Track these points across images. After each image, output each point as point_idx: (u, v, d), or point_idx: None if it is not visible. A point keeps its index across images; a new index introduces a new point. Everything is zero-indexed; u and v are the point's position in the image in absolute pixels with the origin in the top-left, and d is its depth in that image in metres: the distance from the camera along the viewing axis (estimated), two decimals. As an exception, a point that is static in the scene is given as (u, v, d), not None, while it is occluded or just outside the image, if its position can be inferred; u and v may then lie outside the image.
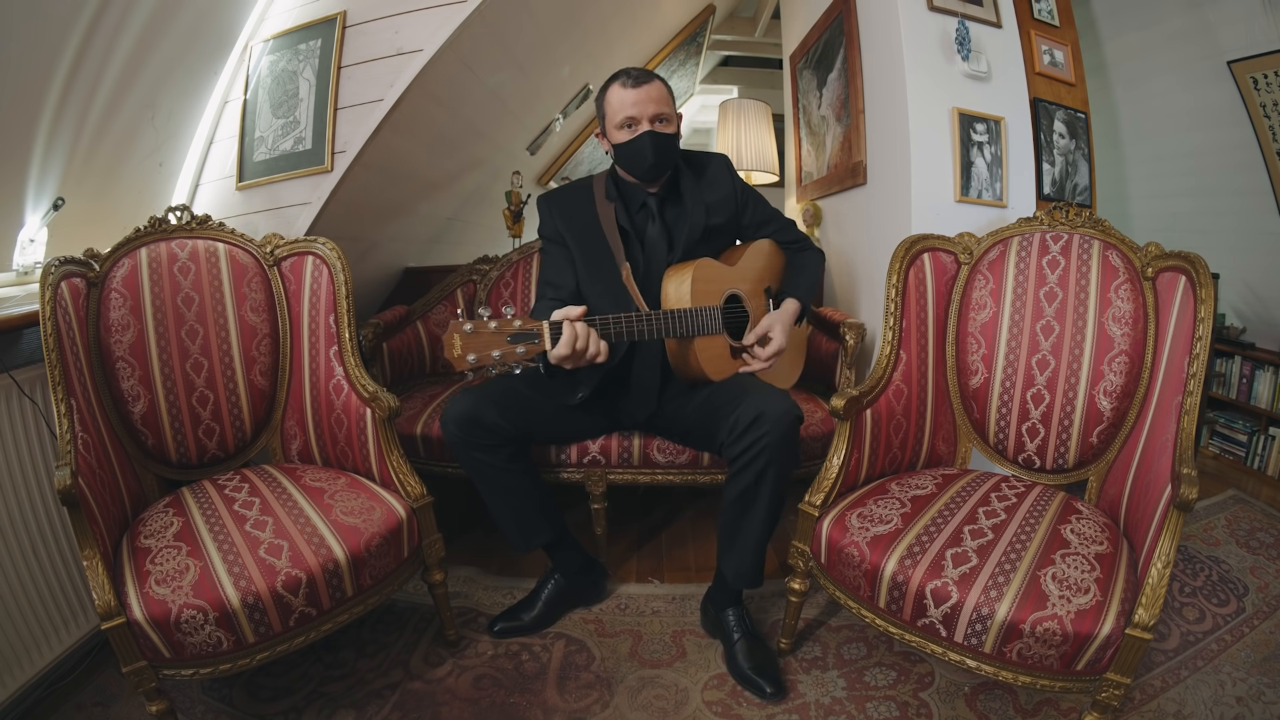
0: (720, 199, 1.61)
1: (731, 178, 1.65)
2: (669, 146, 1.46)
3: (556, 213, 1.58)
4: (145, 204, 1.85)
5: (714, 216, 1.58)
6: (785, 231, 1.72)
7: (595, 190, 1.57)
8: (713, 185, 1.61)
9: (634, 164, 1.48)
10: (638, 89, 1.42)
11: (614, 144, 1.48)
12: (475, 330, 1.07)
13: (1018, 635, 1.03)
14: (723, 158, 1.68)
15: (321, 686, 1.41)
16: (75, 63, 1.46)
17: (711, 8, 3.84)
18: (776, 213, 1.73)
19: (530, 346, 1.12)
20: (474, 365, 1.06)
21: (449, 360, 1.08)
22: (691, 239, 1.53)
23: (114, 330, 1.40)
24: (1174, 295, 1.31)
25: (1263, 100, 2.35)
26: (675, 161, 1.54)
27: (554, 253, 1.59)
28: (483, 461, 1.43)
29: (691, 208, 1.54)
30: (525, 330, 1.12)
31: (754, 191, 1.70)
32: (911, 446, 1.52)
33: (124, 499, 1.31)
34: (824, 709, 1.33)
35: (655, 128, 1.43)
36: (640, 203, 1.56)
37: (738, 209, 1.65)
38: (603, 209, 1.54)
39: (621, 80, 1.44)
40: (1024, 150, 1.91)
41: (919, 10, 1.83)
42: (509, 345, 1.10)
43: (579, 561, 1.64)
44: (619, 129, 1.45)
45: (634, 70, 1.45)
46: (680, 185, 1.56)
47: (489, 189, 3.01)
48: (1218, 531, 2.03)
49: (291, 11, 1.93)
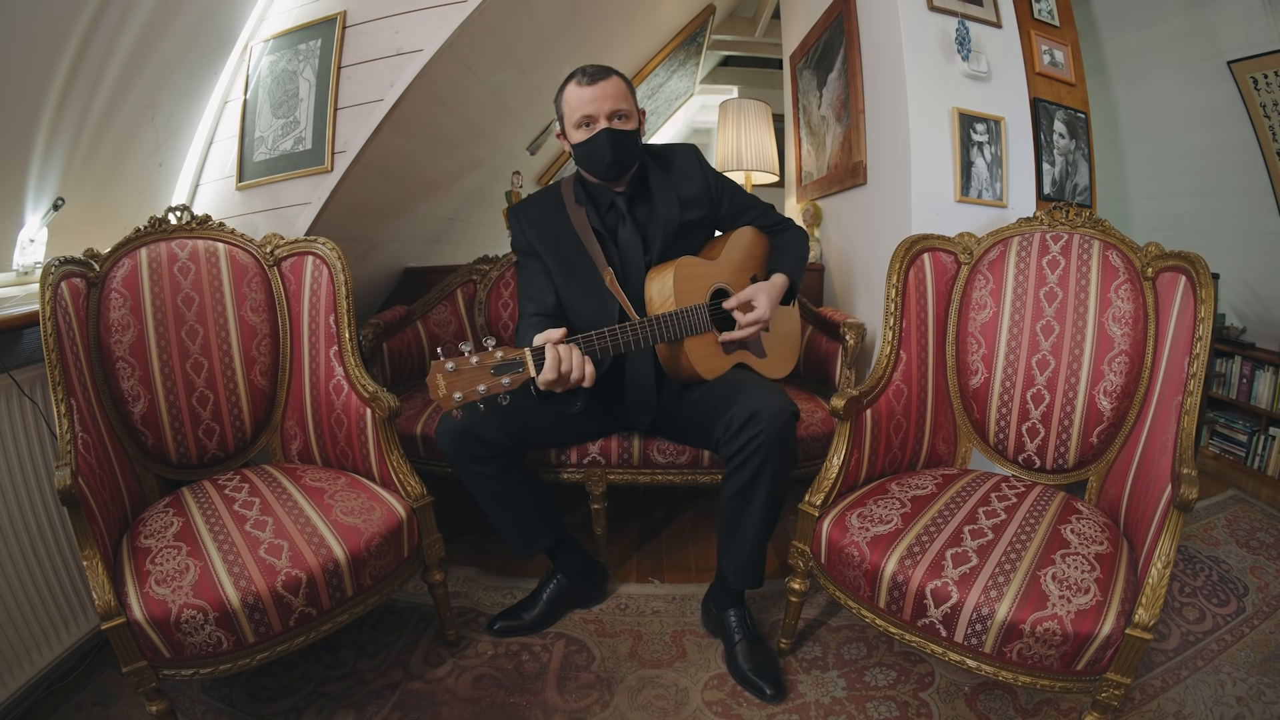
0: (695, 193, 1.56)
1: (702, 169, 1.59)
2: (628, 143, 1.42)
3: (527, 225, 1.52)
4: (145, 204, 1.85)
5: (689, 211, 1.53)
6: (765, 216, 1.67)
7: (564, 196, 1.53)
8: (684, 179, 1.56)
9: (593, 163, 1.44)
10: (593, 86, 1.37)
11: (572, 144, 1.45)
12: (458, 368, 1.07)
13: (1018, 635, 1.03)
14: (690, 148, 1.62)
15: (321, 686, 1.41)
16: (75, 63, 1.46)
17: (711, 8, 3.84)
18: (754, 199, 1.68)
19: (515, 376, 1.12)
20: (460, 403, 1.06)
21: (435, 400, 1.08)
22: (667, 236, 1.49)
23: (114, 330, 1.40)
24: (1174, 295, 1.31)
25: (1263, 100, 2.35)
26: (637, 158, 1.48)
27: (530, 266, 1.54)
28: (478, 473, 1.42)
29: (662, 204, 1.50)
30: (508, 360, 1.12)
31: (729, 180, 1.65)
32: (911, 446, 1.52)
33: (124, 499, 1.31)
34: (824, 709, 1.33)
35: (613, 124, 1.39)
36: (609, 203, 1.51)
37: (714, 201, 1.60)
38: (575, 215, 1.50)
39: (577, 78, 1.40)
40: (1024, 150, 1.91)
41: (919, 10, 1.83)
42: (493, 378, 1.10)
43: (581, 563, 1.64)
44: (576, 128, 1.41)
45: (589, 67, 1.40)
46: (649, 182, 1.52)
47: (489, 189, 3.01)
48: (1218, 531, 2.03)
49: (291, 11, 1.93)
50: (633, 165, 1.48)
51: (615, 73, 1.42)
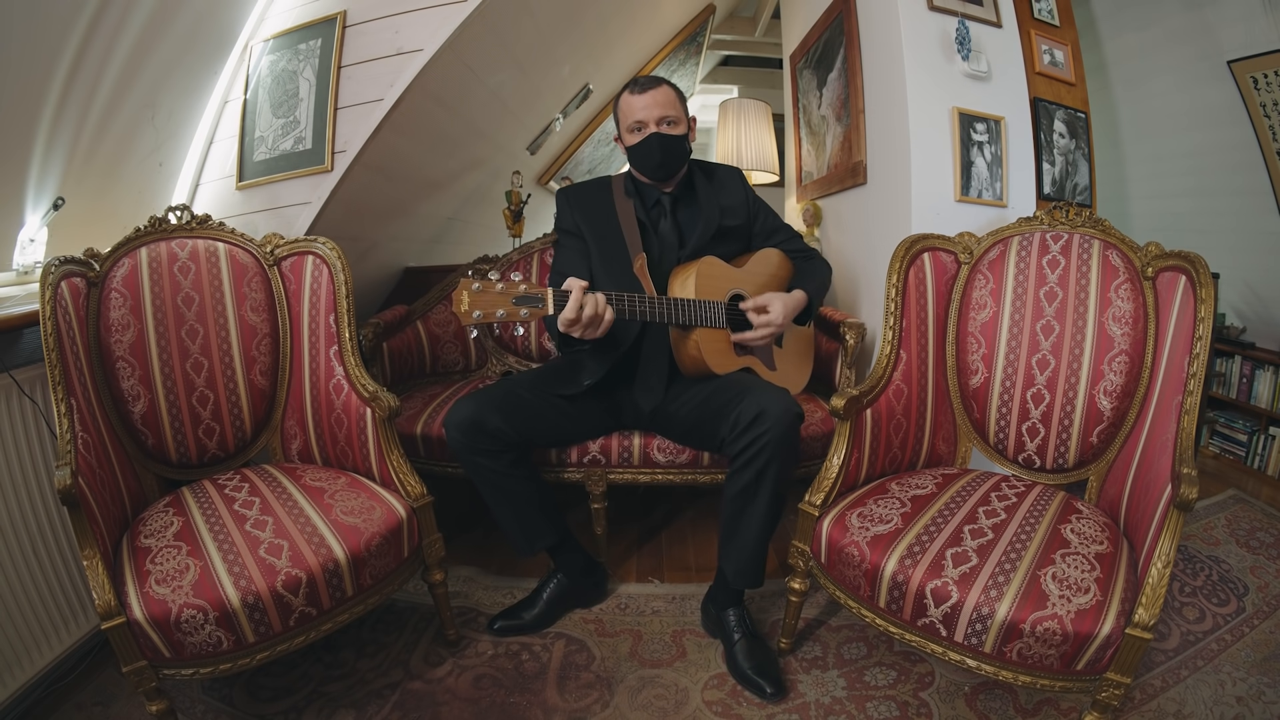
0: (735, 203, 1.70)
1: (743, 186, 1.75)
2: (676, 146, 1.56)
3: (575, 206, 1.65)
4: (145, 204, 1.85)
5: (728, 218, 1.66)
6: (793, 241, 1.79)
7: (614, 188, 1.66)
8: (725, 188, 1.71)
9: (644, 163, 1.58)
10: (644, 94, 1.53)
11: (627, 146, 1.59)
12: (483, 289, 1.11)
13: (1018, 635, 1.03)
14: (735, 169, 1.79)
15: (322, 686, 1.41)
16: (75, 63, 1.46)
17: (711, 7, 3.84)
18: (786, 225, 1.80)
19: (534, 310, 1.15)
20: (479, 321, 1.10)
21: (455, 314, 1.12)
22: (705, 236, 1.60)
23: (114, 330, 1.40)
24: (1174, 295, 1.31)
25: (1262, 100, 2.35)
26: (684, 161, 1.62)
27: (569, 245, 1.66)
28: (485, 466, 1.44)
29: (706, 207, 1.63)
30: (531, 294, 1.15)
31: (764, 202, 1.79)
32: (911, 446, 1.52)
33: (124, 499, 1.31)
34: (824, 709, 1.33)
35: (662, 129, 1.53)
36: (654, 200, 1.65)
37: (750, 216, 1.73)
38: (621, 204, 1.62)
39: (630, 88, 1.56)
40: (1024, 150, 1.90)
41: (919, 10, 1.83)
42: (513, 306, 1.13)
43: (581, 563, 1.64)
44: (630, 132, 1.56)
45: (643, 79, 1.56)
46: (695, 185, 1.66)
47: (489, 189, 3.01)
48: (1218, 531, 2.03)
49: (291, 11, 1.93)
50: (680, 167, 1.62)
51: (666, 82, 1.57)
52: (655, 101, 1.52)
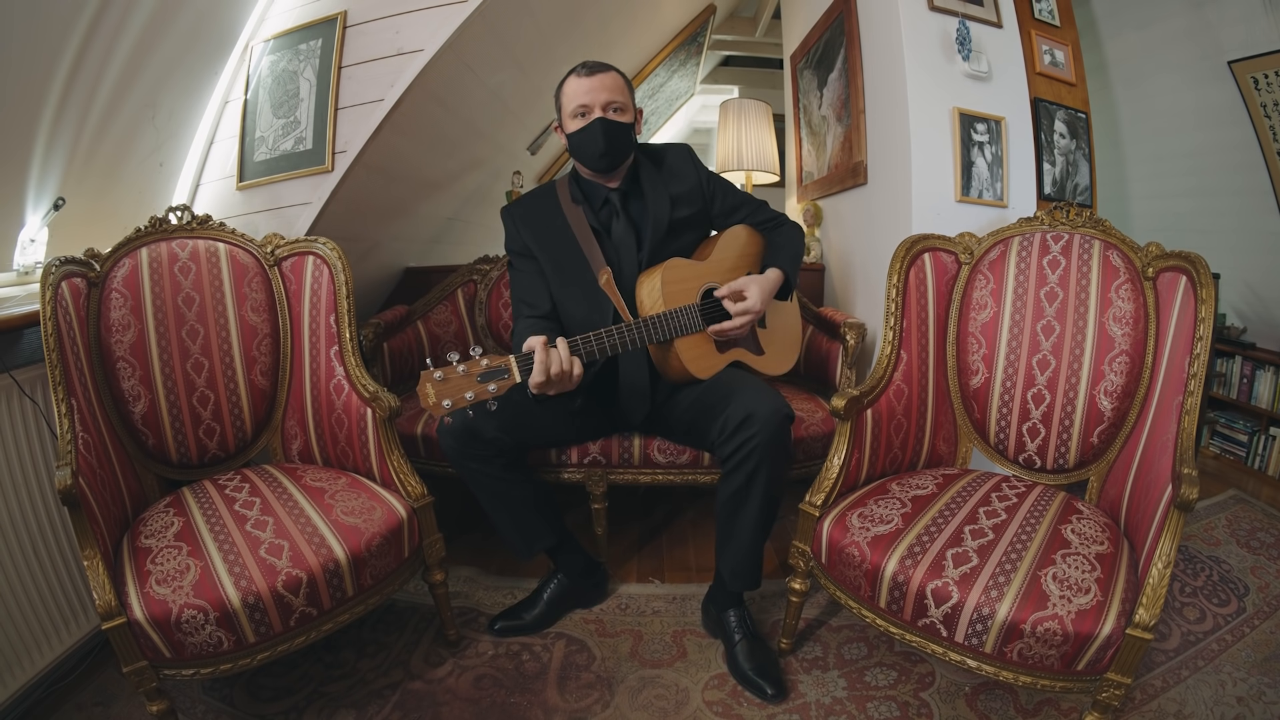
0: (687, 190, 1.56)
1: (695, 167, 1.60)
2: (621, 134, 1.43)
3: (522, 225, 1.52)
4: (145, 204, 1.85)
5: (680, 208, 1.53)
6: (758, 213, 1.66)
7: (560, 195, 1.53)
8: (675, 176, 1.56)
9: (586, 153, 1.44)
10: (591, 77, 1.40)
11: (567, 134, 1.46)
12: (445, 377, 1.11)
13: (1018, 635, 1.03)
14: (683, 147, 1.63)
15: (322, 686, 1.41)
16: (75, 63, 1.46)
17: (712, 8, 3.84)
18: (747, 196, 1.67)
19: (501, 383, 1.15)
20: (450, 410, 1.10)
21: (426, 409, 1.12)
22: (658, 232, 1.49)
23: (114, 330, 1.40)
24: (1174, 295, 1.31)
25: (1263, 100, 2.35)
26: (629, 152, 1.49)
27: (524, 268, 1.54)
28: (479, 471, 1.43)
29: (653, 200, 1.51)
30: (493, 368, 1.15)
31: (720, 178, 1.65)
32: (912, 446, 1.52)
33: (124, 499, 1.31)
34: (824, 709, 1.33)
35: (609, 115, 1.40)
36: (603, 199, 1.52)
37: (706, 199, 1.60)
38: (571, 214, 1.50)
39: (577, 71, 1.43)
40: (1024, 150, 1.90)
41: (919, 10, 1.83)
42: (480, 385, 1.13)
43: (581, 564, 1.64)
44: (573, 118, 1.43)
45: (590, 61, 1.44)
46: (640, 177, 1.53)
47: (489, 189, 3.01)
48: (1218, 531, 2.03)
49: (292, 11, 1.93)
50: (625, 158, 1.49)
51: (614, 68, 1.44)
52: (603, 85, 1.40)
